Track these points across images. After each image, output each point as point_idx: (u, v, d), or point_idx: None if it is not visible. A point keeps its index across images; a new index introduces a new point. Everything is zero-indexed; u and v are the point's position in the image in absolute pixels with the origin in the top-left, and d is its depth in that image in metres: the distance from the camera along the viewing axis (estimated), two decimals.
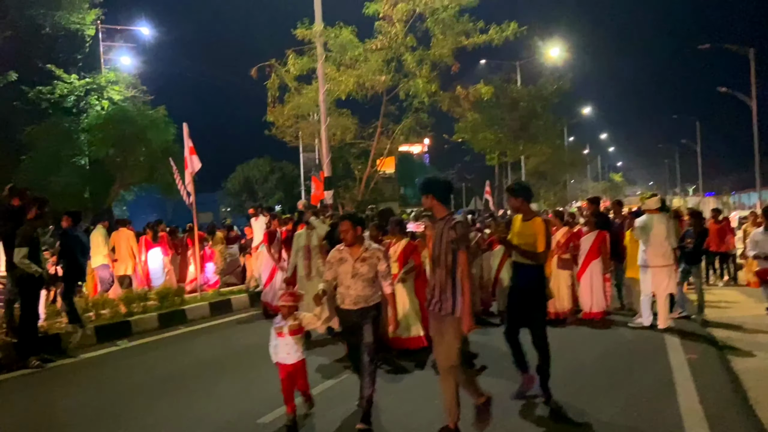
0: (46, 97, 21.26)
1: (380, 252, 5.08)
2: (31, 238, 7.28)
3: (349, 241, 5.00)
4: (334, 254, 5.11)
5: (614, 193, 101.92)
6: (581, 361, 7.04)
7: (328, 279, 5.13)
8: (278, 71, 16.46)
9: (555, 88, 31.99)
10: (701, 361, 6.84)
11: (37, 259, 7.36)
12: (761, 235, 7.58)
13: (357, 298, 4.97)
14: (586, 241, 9.27)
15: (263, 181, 42.39)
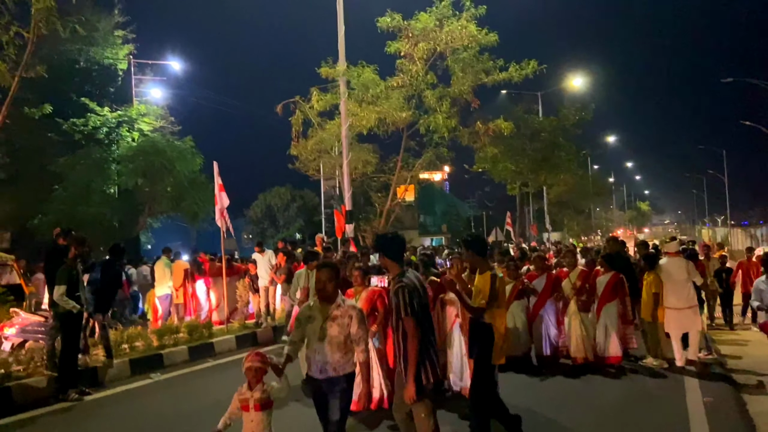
0: (79, 129, 21.90)
1: (354, 310, 4.30)
2: (69, 276, 7.67)
3: (327, 294, 4.28)
4: (303, 311, 4.46)
5: (641, 222, 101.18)
6: (597, 405, 7.15)
7: (294, 340, 4.41)
8: (302, 107, 16.97)
9: (577, 119, 32.03)
10: (717, 403, 6.88)
11: (76, 297, 7.74)
12: (764, 284, 7.16)
13: (324, 364, 4.21)
14: (600, 283, 8.97)
15: (284, 209, 43.04)
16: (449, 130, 17.04)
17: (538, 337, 9.03)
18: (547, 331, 9.01)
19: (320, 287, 4.30)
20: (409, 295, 4.36)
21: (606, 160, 65.64)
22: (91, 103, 22.17)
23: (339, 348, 4.20)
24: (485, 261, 5.45)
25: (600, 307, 8.88)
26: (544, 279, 9.11)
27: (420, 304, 4.44)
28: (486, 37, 16.28)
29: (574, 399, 7.39)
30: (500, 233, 30.01)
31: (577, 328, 8.71)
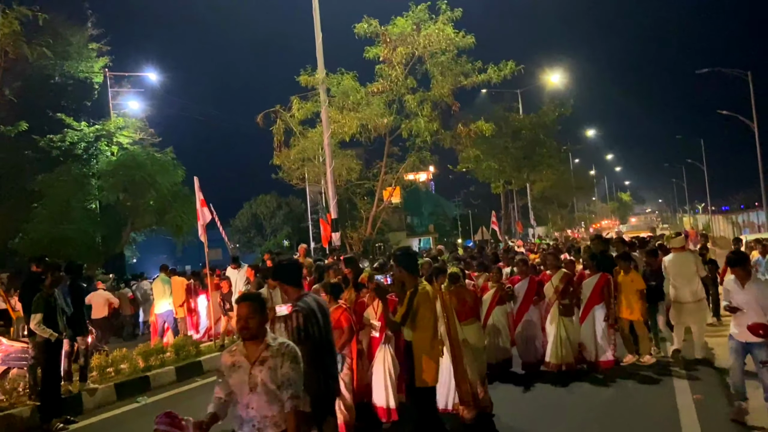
0: (56, 145, 21.54)
1: (288, 348, 3.48)
2: (46, 303, 7.51)
3: (251, 332, 3.44)
4: (225, 357, 3.57)
5: (623, 212, 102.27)
6: (585, 407, 7.14)
7: (218, 396, 3.60)
8: (283, 116, 16.87)
9: (557, 115, 32.29)
10: (707, 401, 6.90)
11: (54, 324, 7.57)
12: (733, 284, 6.47)
13: (261, 421, 3.43)
14: (587, 286, 8.68)
15: (271, 216, 42.84)
16: (431, 133, 17.06)
17: (524, 343, 8.77)
18: (533, 337, 8.77)
19: (241, 325, 3.46)
20: (303, 319, 4.26)
21: (586, 153, 66.31)
22: (67, 118, 21.82)
23: (275, 398, 3.42)
24: (414, 277, 5.23)
25: (587, 310, 8.61)
26: (526, 283, 8.87)
27: (318, 328, 4.37)
28: (463, 39, 16.31)
29: (561, 404, 7.35)
30: (486, 232, 30.10)
31: (557, 334, 8.37)
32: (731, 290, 6.40)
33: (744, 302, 6.18)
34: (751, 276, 6.31)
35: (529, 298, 8.79)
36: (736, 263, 6.34)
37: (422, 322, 5.09)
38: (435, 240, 47.19)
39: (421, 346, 5.08)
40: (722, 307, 7.16)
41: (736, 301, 6.30)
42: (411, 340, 5.14)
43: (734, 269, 6.32)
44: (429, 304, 5.17)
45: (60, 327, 7.69)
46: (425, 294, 5.15)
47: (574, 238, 39.07)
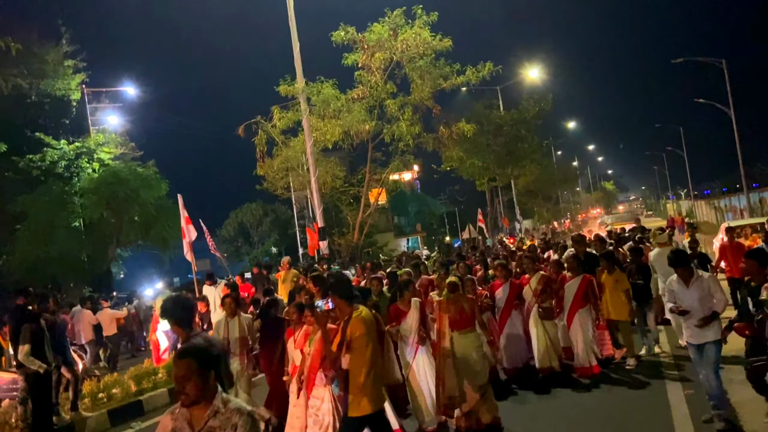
0: (36, 164, 21.35)
1: (241, 416, 2.82)
2: (33, 334, 7.44)
3: (190, 399, 2.81)
4: (165, 421, 2.99)
5: (608, 201, 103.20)
6: (576, 407, 7.18)
7: None
8: (265, 127, 16.83)
9: (537, 110, 32.49)
10: (699, 395, 6.79)
11: (42, 355, 7.48)
12: (677, 284, 6.02)
13: None
14: (570, 288, 8.30)
15: (257, 224, 42.70)
16: (413, 137, 17.10)
17: (508, 349, 8.40)
18: (517, 342, 8.42)
19: (179, 389, 2.83)
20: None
21: (568, 145, 66.94)
22: (46, 137, 21.63)
23: None
24: (348, 304, 5.04)
25: (572, 314, 8.24)
26: (507, 288, 8.43)
27: None
28: (440, 43, 16.37)
29: (551, 407, 7.34)
30: (474, 230, 30.22)
31: (540, 338, 8.17)
32: (676, 291, 6.05)
33: (690, 302, 5.89)
34: (695, 274, 5.99)
35: (511, 303, 8.40)
36: (678, 263, 6.01)
37: (357, 351, 4.90)
38: (423, 239, 47.29)
39: (356, 376, 4.89)
40: (667, 310, 6.59)
41: (682, 301, 5.97)
42: (347, 369, 4.95)
43: (677, 269, 6.00)
44: (365, 331, 4.93)
45: (48, 358, 7.61)
46: (359, 321, 4.95)
47: (561, 231, 39.41)
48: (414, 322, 6.93)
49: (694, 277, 5.95)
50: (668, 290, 6.24)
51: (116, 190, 20.62)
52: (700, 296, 5.86)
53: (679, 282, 6.01)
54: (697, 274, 6.00)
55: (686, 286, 5.95)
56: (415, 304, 7.03)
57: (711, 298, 5.86)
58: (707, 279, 6.01)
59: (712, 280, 6.01)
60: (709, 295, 5.86)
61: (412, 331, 6.90)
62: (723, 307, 5.91)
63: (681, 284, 6.00)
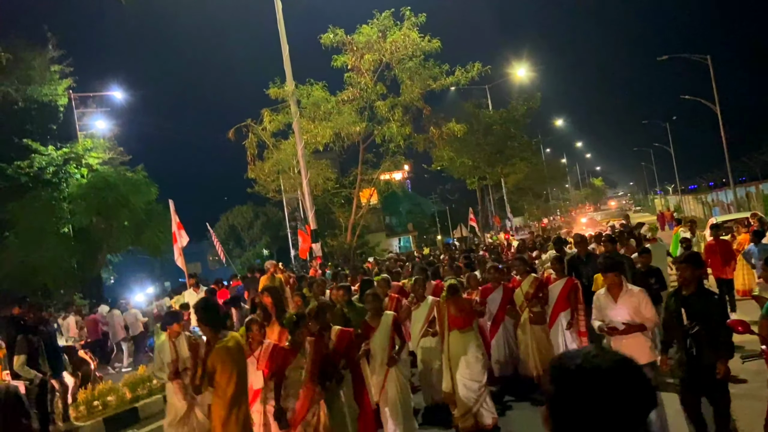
0: (24, 171, 21.17)
1: None
2: (29, 344, 7.40)
3: None
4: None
5: (597, 197, 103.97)
6: None
7: None
8: (255, 130, 16.81)
9: (526, 109, 32.65)
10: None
11: (37, 365, 7.45)
12: (605, 297, 5.43)
13: None
14: (553, 290, 7.89)
15: (248, 227, 42.63)
16: (404, 137, 17.15)
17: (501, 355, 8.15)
18: (509, 348, 8.17)
19: None
20: None
21: (557, 143, 67.38)
22: (33, 143, 21.46)
23: None
24: (214, 332, 4.63)
25: (553, 317, 7.80)
26: (500, 292, 8.10)
27: None
28: (429, 44, 16.42)
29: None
30: (465, 229, 30.34)
31: (530, 343, 7.84)
32: (603, 306, 5.40)
33: (619, 318, 5.27)
34: (624, 286, 5.36)
35: (504, 308, 8.06)
36: (609, 268, 5.35)
37: (219, 386, 4.50)
38: (414, 238, 47.36)
39: (218, 411, 4.53)
40: (596, 328, 5.60)
41: (611, 317, 5.32)
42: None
43: (608, 276, 5.34)
44: (229, 363, 4.50)
45: (43, 368, 7.57)
46: (223, 351, 4.51)
47: (554, 227, 39.54)
48: (383, 339, 6.17)
49: (623, 290, 5.33)
50: (594, 306, 5.55)
51: (105, 195, 20.49)
52: (629, 312, 5.25)
53: (607, 296, 5.38)
54: (626, 287, 5.37)
55: (614, 300, 5.33)
56: (386, 319, 6.27)
57: (640, 314, 5.24)
58: (637, 293, 5.35)
59: (642, 295, 5.34)
60: (638, 311, 5.25)
61: (379, 349, 6.15)
62: (652, 327, 5.35)
63: (609, 298, 5.38)
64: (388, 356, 6.13)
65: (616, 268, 5.39)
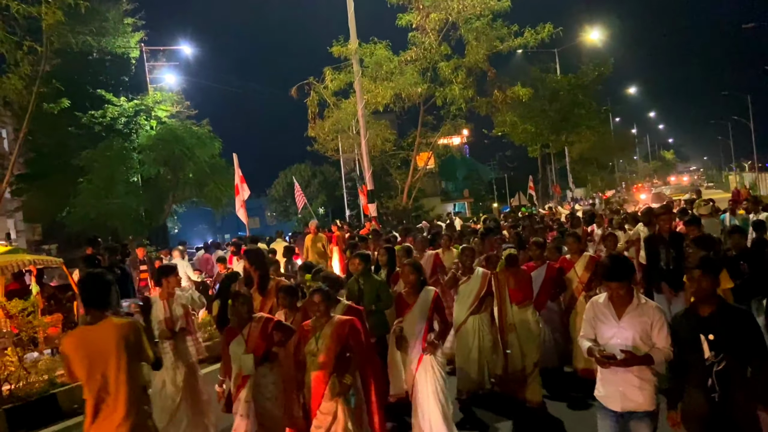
0: (98, 120, 22.03)
1: None
2: None
3: None
4: None
5: (666, 171, 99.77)
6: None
7: None
8: (317, 88, 16.88)
9: (596, 74, 31.25)
10: None
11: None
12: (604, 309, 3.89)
13: None
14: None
15: (306, 185, 43.29)
16: (466, 101, 16.84)
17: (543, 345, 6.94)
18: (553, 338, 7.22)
19: None
20: None
21: (627, 112, 64.35)
22: (107, 94, 22.28)
23: None
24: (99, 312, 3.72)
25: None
26: (543, 271, 6.93)
27: None
28: (498, 3, 15.88)
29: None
30: (523, 197, 29.81)
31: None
32: (600, 320, 3.86)
33: (619, 342, 3.72)
34: (635, 298, 3.78)
35: (547, 291, 6.90)
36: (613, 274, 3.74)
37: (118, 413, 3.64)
38: (470, 205, 46.96)
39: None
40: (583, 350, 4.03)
41: (607, 339, 3.81)
42: None
43: (610, 283, 3.78)
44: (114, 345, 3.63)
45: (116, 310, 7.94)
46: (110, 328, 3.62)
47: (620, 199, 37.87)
48: (420, 320, 5.29)
49: (633, 303, 3.77)
50: (586, 318, 4.02)
51: (172, 147, 21.19)
52: (634, 336, 3.71)
53: (608, 306, 3.83)
54: (638, 299, 3.80)
55: (617, 317, 3.78)
56: (425, 296, 5.36)
57: (649, 341, 3.72)
58: (652, 310, 3.76)
59: (658, 313, 3.75)
60: (648, 336, 3.73)
61: (414, 331, 5.29)
62: (664, 358, 3.69)
63: (609, 311, 3.82)
64: (423, 339, 5.23)
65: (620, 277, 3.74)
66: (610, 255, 4.28)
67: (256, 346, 4.82)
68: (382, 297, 5.95)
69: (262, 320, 4.93)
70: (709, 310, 3.59)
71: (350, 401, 4.61)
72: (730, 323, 3.51)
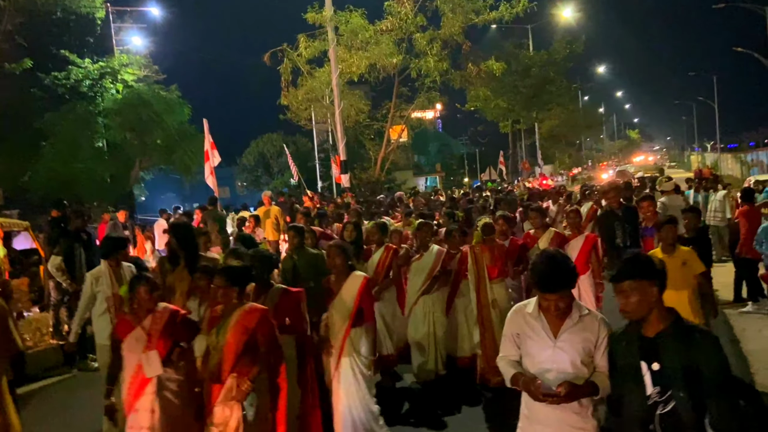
0: (61, 82, 21.39)
1: None
2: (69, 250, 7.59)
3: None
4: None
5: (631, 150, 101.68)
6: None
7: None
8: (290, 55, 16.63)
9: (568, 52, 31.54)
10: None
11: (74, 273, 7.54)
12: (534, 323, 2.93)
13: None
14: (571, 250, 6.39)
15: (278, 155, 42.73)
16: (441, 73, 16.82)
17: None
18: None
19: None
20: None
21: (596, 90, 65.05)
22: (71, 55, 21.59)
23: None
24: None
25: None
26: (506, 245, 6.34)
27: None
28: None
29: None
30: (494, 172, 30.08)
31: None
32: (529, 337, 2.89)
33: (556, 368, 2.81)
34: (573, 308, 2.84)
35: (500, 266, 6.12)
36: (554, 283, 2.76)
37: None
38: (442, 179, 47.18)
39: None
40: (506, 378, 3.00)
41: (539, 364, 2.85)
42: None
43: (545, 294, 2.79)
44: None
45: (79, 277, 7.82)
46: None
47: (581, 179, 38.57)
48: (345, 311, 4.49)
49: (572, 316, 2.83)
50: (508, 334, 3.02)
51: (139, 112, 20.75)
52: (575, 358, 2.79)
53: (540, 320, 2.86)
54: (579, 310, 2.86)
55: (553, 335, 2.83)
56: (352, 284, 4.55)
57: (592, 363, 2.82)
58: (598, 323, 2.84)
59: (604, 327, 2.83)
60: (591, 357, 2.81)
61: (339, 322, 4.52)
62: (605, 390, 2.77)
63: (542, 327, 2.86)
64: (345, 337, 4.47)
65: (558, 286, 2.76)
66: (546, 256, 2.84)
67: (160, 342, 3.91)
68: (323, 271, 5.04)
69: (167, 311, 4.03)
70: (656, 329, 2.58)
71: (248, 410, 3.72)
72: (685, 349, 2.52)
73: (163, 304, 4.12)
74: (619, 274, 2.62)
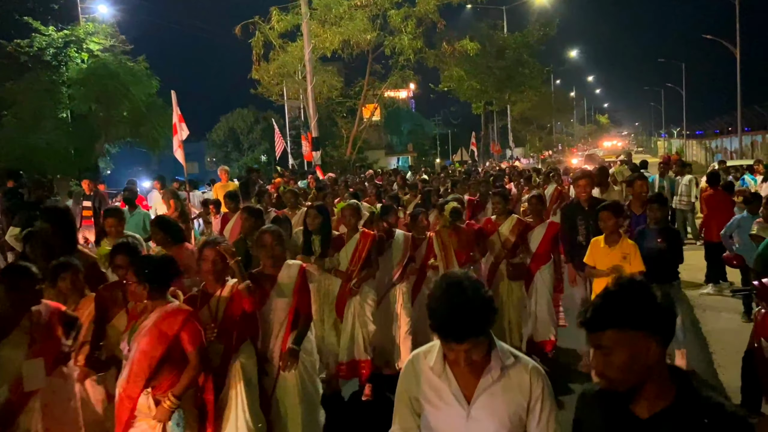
0: (24, 50, 20.70)
1: None
2: (28, 221, 7.42)
3: None
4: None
5: (600, 135, 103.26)
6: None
7: None
8: (262, 28, 16.34)
9: (541, 34, 31.72)
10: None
11: None
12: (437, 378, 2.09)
13: None
14: (534, 238, 6.04)
15: (248, 131, 42.11)
16: (415, 51, 16.75)
17: None
18: None
19: None
20: None
21: (568, 74, 65.73)
22: (34, 22, 20.84)
23: None
24: None
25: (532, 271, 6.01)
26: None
27: None
28: None
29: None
30: (466, 153, 30.20)
31: (507, 303, 5.94)
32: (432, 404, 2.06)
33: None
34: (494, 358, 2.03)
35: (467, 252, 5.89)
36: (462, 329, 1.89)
37: None
38: (413, 159, 47.21)
39: None
40: None
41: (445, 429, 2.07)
42: None
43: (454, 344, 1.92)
44: None
45: None
46: None
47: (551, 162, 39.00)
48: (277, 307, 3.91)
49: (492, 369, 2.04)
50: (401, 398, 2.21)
51: (106, 83, 20.20)
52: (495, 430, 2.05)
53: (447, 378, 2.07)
54: (501, 359, 2.06)
55: (466, 400, 2.04)
56: (287, 273, 3.97)
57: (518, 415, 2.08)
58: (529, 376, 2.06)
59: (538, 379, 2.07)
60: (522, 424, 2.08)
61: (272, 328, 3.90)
62: None
63: (450, 388, 2.06)
64: (285, 338, 3.87)
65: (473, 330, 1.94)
66: (448, 286, 1.95)
67: (44, 347, 3.25)
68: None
69: (50, 310, 3.41)
70: (653, 407, 1.65)
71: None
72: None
73: (45, 302, 3.45)
74: (597, 318, 1.62)
